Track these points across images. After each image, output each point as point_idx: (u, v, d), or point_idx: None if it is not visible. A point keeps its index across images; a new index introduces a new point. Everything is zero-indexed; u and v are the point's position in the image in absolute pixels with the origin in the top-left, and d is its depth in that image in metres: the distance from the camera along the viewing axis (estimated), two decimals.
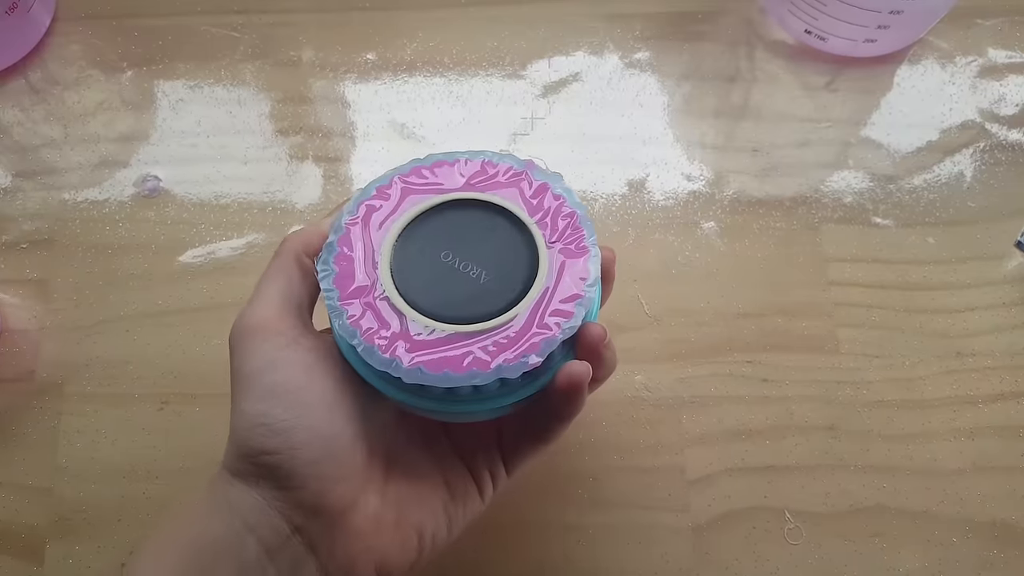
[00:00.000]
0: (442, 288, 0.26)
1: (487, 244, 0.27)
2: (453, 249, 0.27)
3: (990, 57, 0.45)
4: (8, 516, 0.37)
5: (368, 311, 0.26)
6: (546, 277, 0.26)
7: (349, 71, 0.45)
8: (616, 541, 0.36)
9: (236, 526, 0.24)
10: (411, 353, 0.25)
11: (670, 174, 0.43)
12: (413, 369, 0.25)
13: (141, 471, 0.37)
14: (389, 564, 0.26)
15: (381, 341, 0.25)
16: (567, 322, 0.25)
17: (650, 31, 0.45)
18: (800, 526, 0.36)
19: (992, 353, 0.39)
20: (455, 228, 0.27)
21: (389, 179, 0.28)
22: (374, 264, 0.26)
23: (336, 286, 0.26)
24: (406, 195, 0.28)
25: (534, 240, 0.27)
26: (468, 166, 0.28)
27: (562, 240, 0.27)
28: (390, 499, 0.27)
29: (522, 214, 0.27)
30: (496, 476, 0.29)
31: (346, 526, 0.25)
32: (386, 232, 0.27)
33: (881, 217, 0.42)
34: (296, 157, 0.43)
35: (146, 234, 0.42)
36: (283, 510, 0.25)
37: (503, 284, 0.26)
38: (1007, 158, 0.43)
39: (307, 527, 0.25)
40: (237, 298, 0.40)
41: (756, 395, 0.38)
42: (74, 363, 0.39)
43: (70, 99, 0.44)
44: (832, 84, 0.44)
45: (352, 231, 0.27)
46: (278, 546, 0.25)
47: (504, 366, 0.25)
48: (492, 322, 0.25)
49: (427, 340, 0.25)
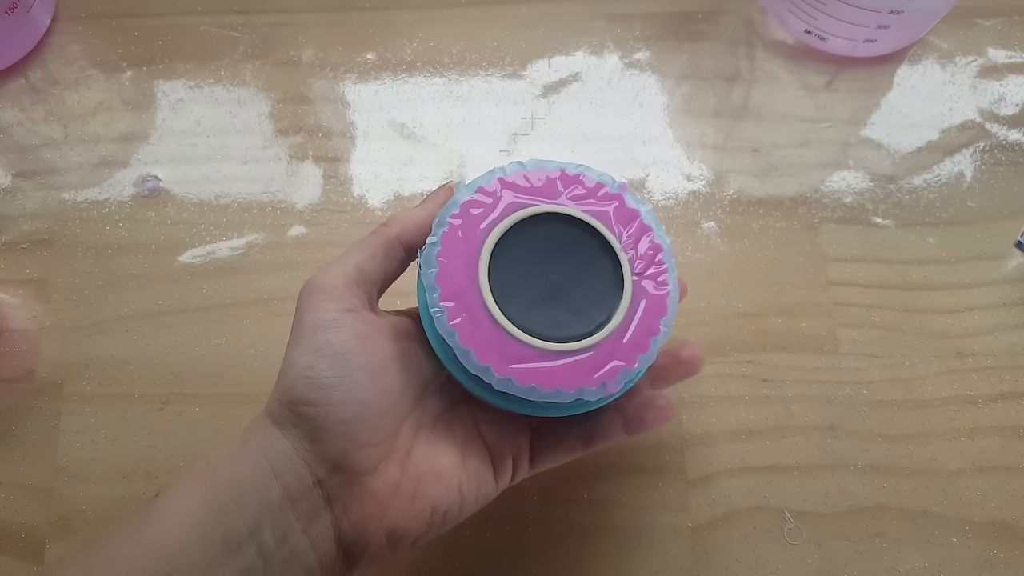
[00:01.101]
0: (533, 302, 0.28)
1: (577, 263, 0.28)
2: (545, 264, 0.28)
3: (990, 57, 0.45)
4: (8, 516, 0.37)
5: (465, 314, 0.27)
6: (628, 307, 0.28)
7: (349, 71, 0.45)
8: (616, 541, 0.36)
9: (265, 470, 0.26)
10: (503, 363, 0.27)
11: (670, 174, 0.43)
12: (504, 379, 0.27)
13: (141, 471, 0.37)
14: (399, 532, 0.27)
15: (477, 347, 0.27)
16: (644, 355, 0.27)
17: (650, 31, 0.45)
18: (800, 526, 0.36)
19: (992, 353, 0.39)
20: (549, 242, 0.28)
21: (492, 180, 0.29)
22: (475, 267, 0.28)
23: (438, 284, 0.27)
24: (507, 199, 0.29)
25: (621, 269, 0.28)
26: (566, 178, 0.29)
27: (646, 273, 0.29)
28: (410, 473, 0.28)
29: (613, 241, 0.29)
30: (518, 467, 0.31)
31: (363, 488, 0.27)
32: (486, 235, 0.28)
33: (881, 217, 0.42)
34: (296, 157, 0.43)
35: (146, 234, 0.42)
36: (309, 461, 0.26)
37: (589, 307, 0.28)
38: (1007, 158, 0.43)
39: (328, 481, 0.26)
40: (237, 298, 0.40)
41: (756, 395, 0.38)
42: (74, 363, 0.39)
43: (70, 99, 0.44)
44: (832, 84, 0.44)
45: (455, 230, 0.28)
46: (300, 495, 0.26)
47: (585, 389, 0.27)
48: (576, 344, 0.27)
49: (517, 352, 0.27)
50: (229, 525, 0.25)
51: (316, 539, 0.26)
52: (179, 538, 0.25)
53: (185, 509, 0.25)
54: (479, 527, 0.36)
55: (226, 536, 0.25)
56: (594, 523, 0.37)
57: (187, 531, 0.25)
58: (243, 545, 0.25)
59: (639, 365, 0.27)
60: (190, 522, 0.25)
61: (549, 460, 0.31)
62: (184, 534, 0.25)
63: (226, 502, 0.25)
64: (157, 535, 0.25)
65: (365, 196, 0.42)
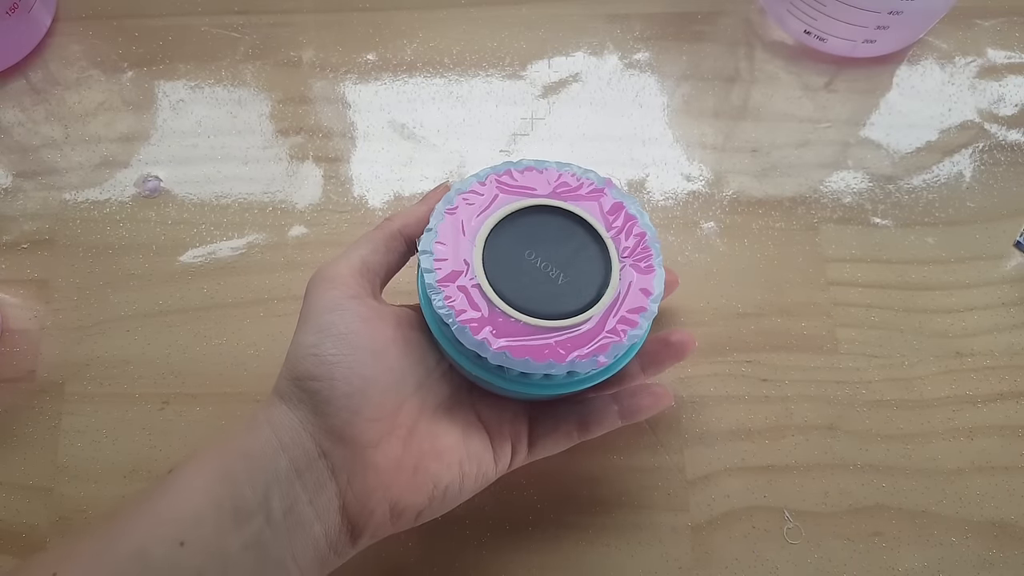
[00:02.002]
0: (525, 283, 0.29)
1: (567, 250, 0.30)
2: (537, 250, 0.30)
3: (989, 57, 0.45)
4: (8, 516, 0.37)
5: (462, 294, 0.29)
6: (617, 287, 0.30)
7: (349, 71, 0.45)
8: (616, 541, 0.36)
9: (273, 443, 0.27)
10: (498, 338, 0.28)
11: (670, 174, 0.43)
12: (499, 353, 0.28)
13: (141, 471, 0.37)
14: (402, 504, 0.29)
15: (472, 324, 0.28)
16: (633, 330, 0.29)
17: (650, 31, 0.46)
18: (799, 525, 0.36)
19: (991, 353, 0.39)
20: (540, 231, 0.30)
21: (485, 176, 0.31)
22: (470, 253, 0.29)
23: (436, 267, 0.29)
24: (498, 193, 0.31)
25: (608, 253, 0.30)
26: (554, 175, 0.31)
27: (633, 256, 0.30)
28: (412, 450, 0.29)
29: (600, 228, 0.30)
30: (516, 451, 0.32)
31: (367, 460, 0.28)
32: (480, 225, 0.30)
33: (880, 217, 0.42)
34: (296, 157, 0.43)
35: (146, 234, 0.42)
36: (314, 433, 0.28)
37: (579, 288, 0.29)
38: (1006, 158, 0.43)
39: (332, 452, 0.28)
40: (237, 298, 0.40)
41: (756, 395, 0.38)
42: (74, 363, 0.39)
43: (71, 99, 0.44)
44: (831, 84, 0.45)
45: (450, 219, 0.30)
46: (306, 465, 0.27)
47: (577, 361, 0.28)
48: (568, 321, 0.29)
49: (511, 328, 0.28)
50: (239, 496, 0.26)
51: (322, 509, 0.27)
52: (192, 509, 0.26)
53: (197, 481, 0.26)
54: (479, 527, 0.36)
55: (236, 506, 0.26)
56: (594, 523, 0.37)
57: (199, 502, 0.26)
58: (252, 515, 0.26)
59: (628, 340, 0.29)
60: (202, 493, 0.26)
61: (547, 446, 0.33)
62: (197, 505, 0.26)
63: (237, 473, 0.27)
64: (171, 506, 0.26)
65: (365, 196, 0.42)
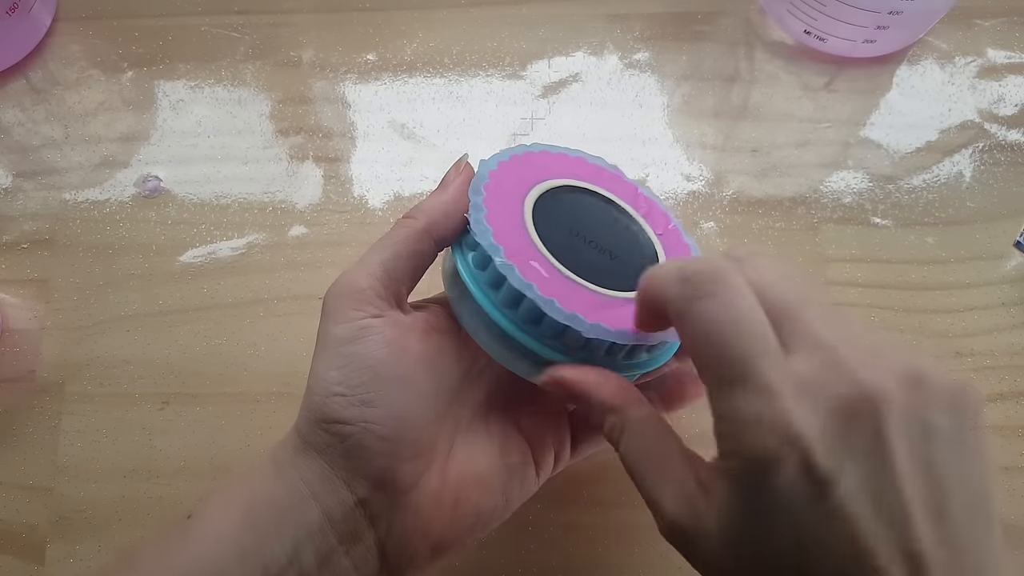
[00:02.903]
0: (586, 259, 0.28)
1: (607, 227, 0.30)
2: (580, 226, 0.29)
3: (989, 57, 0.45)
4: (8, 516, 0.37)
5: (535, 265, 0.27)
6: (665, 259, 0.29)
7: (349, 71, 0.45)
8: (616, 541, 0.36)
9: (302, 492, 0.25)
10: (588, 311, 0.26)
11: (670, 174, 0.43)
12: (595, 325, 0.26)
13: (141, 471, 0.37)
14: (444, 543, 0.27)
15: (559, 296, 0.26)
16: None
17: (650, 31, 0.45)
18: None
19: (991, 353, 0.39)
20: (577, 209, 0.30)
21: (509, 155, 0.30)
22: (522, 229, 0.27)
23: (499, 243, 0.26)
24: (527, 173, 0.29)
25: (645, 230, 0.30)
26: (570, 158, 0.31)
27: (665, 235, 0.31)
28: (450, 480, 0.27)
29: (628, 207, 0.31)
30: (560, 456, 0.30)
31: (407, 504, 0.26)
32: (520, 202, 0.28)
33: (880, 217, 0.42)
34: (296, 157, 0.43)
35: (146, 234, 0.42)
36: (348, 480, 0.25)
37: (631, 262, 0.29)
38: (1006, 158, 0.43)
39: (370, 501, 0.25)
40: (237, 298, 0.40)
41: None
42: (74, 363, 0.39)
43: (71, 99, 0.44)
44: (831, 84, 0.45)
45: (492, 197, 0.28)
46: (342, 517, 0.25)
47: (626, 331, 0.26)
48: (625, 295, 0.27)
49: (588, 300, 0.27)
50: (268, 550, 0.24)
51: (359, 559, 0.26)
52: (217, 561, 0.24)
53: (223, 530, 0.25)
54: None
55: (265, 563, 0.24)
56: (594, 523, 0.37)
57: (225, 554, 0.24)
58: (283, 572, 0.24)
59: None
60: (230, 543, 0.24)
61: (591, 445, 0.31)
62: (222, 557, 0.24)
63: (264, 524, 0.25)
64: (194, 557, 0.24)
65: (365, 196, 0.42)
